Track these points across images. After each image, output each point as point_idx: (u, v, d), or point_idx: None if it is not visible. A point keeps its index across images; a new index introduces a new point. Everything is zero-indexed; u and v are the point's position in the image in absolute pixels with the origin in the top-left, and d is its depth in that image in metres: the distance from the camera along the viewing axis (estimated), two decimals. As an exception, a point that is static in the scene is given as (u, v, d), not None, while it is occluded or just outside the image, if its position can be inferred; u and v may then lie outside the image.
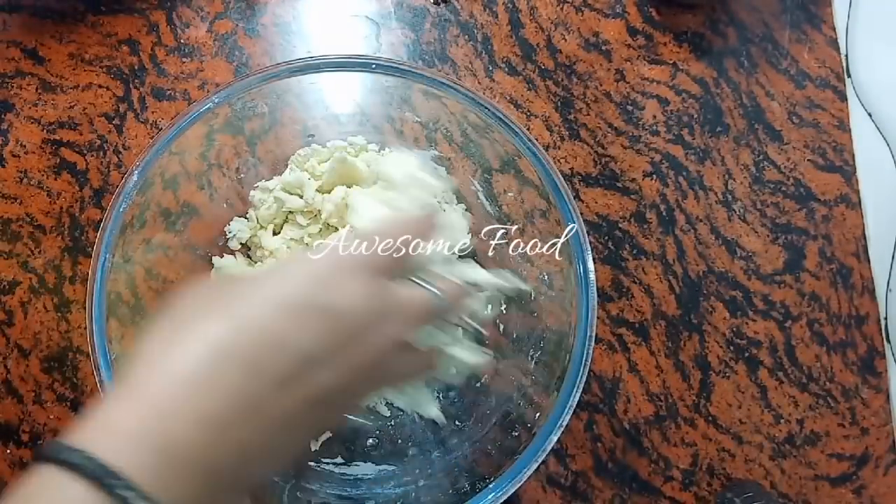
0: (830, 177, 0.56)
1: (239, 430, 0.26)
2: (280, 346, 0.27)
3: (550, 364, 0.42)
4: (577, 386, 0.38)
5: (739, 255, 0.54)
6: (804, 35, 0.58)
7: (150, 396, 0.26)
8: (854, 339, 0.54)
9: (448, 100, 0.44)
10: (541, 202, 0.41)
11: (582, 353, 0.38)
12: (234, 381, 0.26)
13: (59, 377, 0.49)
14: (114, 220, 0.39)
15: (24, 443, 0.49)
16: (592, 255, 0.53)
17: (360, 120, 0.51)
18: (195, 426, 0.26)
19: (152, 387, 0.26)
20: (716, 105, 0.56)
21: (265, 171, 0.51)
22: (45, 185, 0.52)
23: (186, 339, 0.27)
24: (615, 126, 0.55)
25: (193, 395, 0.26)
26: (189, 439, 0.25)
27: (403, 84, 0.44)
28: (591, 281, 0.39)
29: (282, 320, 0.27)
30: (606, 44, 0.56)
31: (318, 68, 0.40)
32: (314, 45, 0.56)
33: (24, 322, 0.50)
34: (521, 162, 0.43)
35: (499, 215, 0.49)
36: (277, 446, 0.29)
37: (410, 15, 0.56)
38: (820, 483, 0.52)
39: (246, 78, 0.40)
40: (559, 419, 0.38)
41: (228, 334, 0.27)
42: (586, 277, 0.39)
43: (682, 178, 0.55)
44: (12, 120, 0.53)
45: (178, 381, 0.26)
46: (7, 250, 0.51)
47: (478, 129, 0.46)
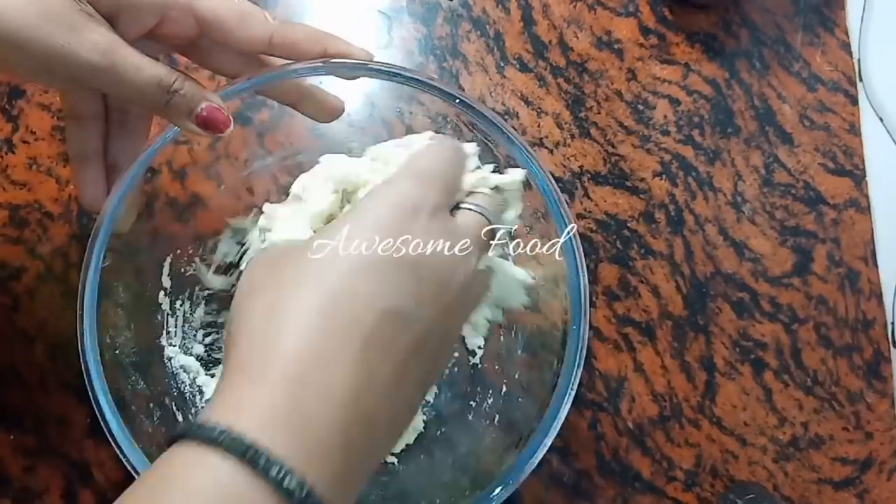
0: (840, 180, 0.56)
1: (365, 402, 0.26)
2: (375, 309, 0.27)
3: (549, 360, 0.42)
4: (574, 375, 0.38)
5: (747, 257, 0.54)
6: (817, 38, 0.57)
7: (275, 377, 0.25)
8: (860, 343, 0.54)
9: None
10: (541, 204, 0.41)
11: (576, 351, 0.38)
12: (347, 354, 0.26)
13: (63, 364, 0.49)
14: (111, 213, 0.38)
15: (28, 429, 0.49)
16: (600, 254, 0.53)
17: (368, 112, 0.51)
18: (328, 404, 0.25)
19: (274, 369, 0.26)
20: (727, 106, 0.56)
21: (273, 163, 0.51)
22: (55, 172, 0.52)
23: (289, 314, 0.27)
24: (625, 125, 0.55)
25: (317, 373, 0.26)
26: (325, 417, 0.25)
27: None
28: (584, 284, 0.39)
29: (372, 283, 0.28)
30: (618, 43, 0.56)
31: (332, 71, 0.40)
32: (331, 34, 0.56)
33: (30, 308, 0.50)
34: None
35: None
36: (399, 412, 0.29)
37: (423, 10, 0.56)
38: (823, 486, 0.52)
39: (253, 78, 0.39)
40: (556, 415, 0.37)
41: (327, 304, 0.27)
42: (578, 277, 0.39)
43: (691, 178, 0.55)
44: (23, 106, 0.52)
45: (299, 360, 0.26)
46: (15, 236, 0.51)
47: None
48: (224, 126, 0.35)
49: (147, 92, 0.33)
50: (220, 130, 0.35)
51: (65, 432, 0.49)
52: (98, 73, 0.32)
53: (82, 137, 0.38)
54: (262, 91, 0.41)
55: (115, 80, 0.32)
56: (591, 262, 0.53)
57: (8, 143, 0.52)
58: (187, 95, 0.34)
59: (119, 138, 0.39)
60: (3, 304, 0.50)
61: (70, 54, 0.31)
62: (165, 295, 0.45)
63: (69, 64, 0.31)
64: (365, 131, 0.50)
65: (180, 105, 0.34)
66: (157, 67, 0.33)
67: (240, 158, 0.50)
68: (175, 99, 0.34)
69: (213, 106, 0.35)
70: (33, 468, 0.48)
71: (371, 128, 0.50)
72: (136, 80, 0.33)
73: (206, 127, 0.35)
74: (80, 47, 0.31)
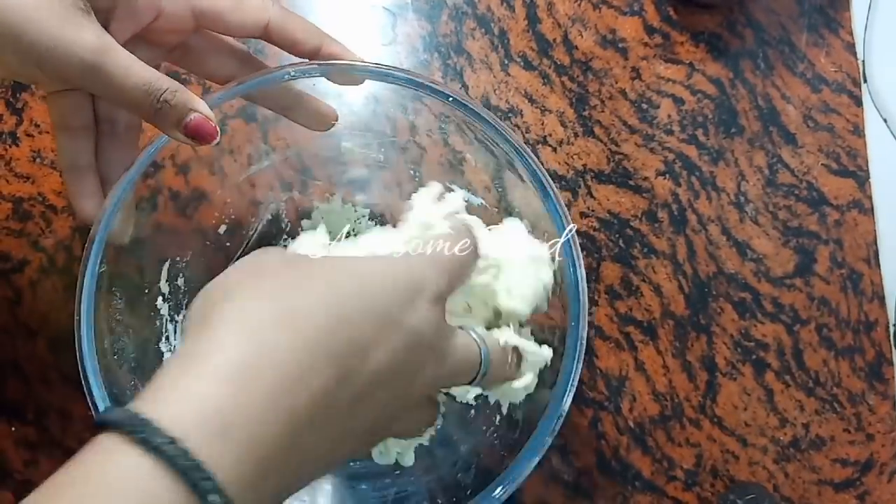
0: (844, 182, 0.55)
1: (312, 434, 0.26)
2: (364, 354, 0.27)
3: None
4: (573, 374, 0.38)
5: (750, 257, 0.54)
6: (822, 39, 0.57)
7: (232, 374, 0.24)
8: (862, 344, 0.53)
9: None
10: (539, 202, 0.41)
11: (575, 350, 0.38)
12: (322, 383, 0.25)
13: (65, 357, 0.49)
14: (112, 207, 0.38)
15: (29, 421, 0.49)
16: (603, 253, 0.53)
17: (372, 108, 0.51)
18: (283, 426, 0.24)
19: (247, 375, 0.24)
20: (731, 106, 0.56)
21: (277, 159, 0.51)
22: (58, 166, 0.52)
23: (281, 321, 0.26)
24: (629, 124, 0.55)
25: (284, 391, 0.25)
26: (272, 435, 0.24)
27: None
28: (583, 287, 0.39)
29: (368, 330, 0.27)
30: (623, 41, 0.56)
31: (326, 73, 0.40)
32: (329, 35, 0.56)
33: (32, 301, 0.50)
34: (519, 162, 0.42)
35: (511, 211, 0.49)
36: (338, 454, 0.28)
37: (427, 7, 0.56)
38: (823, 488, 0.52)
39: (245, 82, 0.39)
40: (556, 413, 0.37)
41: (318, 331, 0.26)
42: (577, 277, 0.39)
43: (694, 178, 0.55)
44: (27, 99, 0.53)
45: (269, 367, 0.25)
46: (18, 229, 0.51)
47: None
48: (211, 137, 0.34)
49: (135, 96, 0.33)
50: (208, 141, 0.34)
51: (66, 425, 0.49)
52: (87, 71, 0.32)
53: (74, 148, 0.37)
54: (254, 99, 0.41)
55: (104, 81, 0.32)
56: (593, 261, 0.53)
57: (12, 135, 0.52)
58: (177, 105, 0.34)
59: (109, 150, 0.39)
60: (6, 297, 0.50)
61: (61, 50, 0.31)
62: (164, 301, 0.45)
63: (59, 60, 0.31)
64: (368, 127, 0.50)
65: (169, 114, 0.34)
66: (147, 71, 0.33)
67: (243, 153, 0.50)
68: (164, 108, 0.33)
69: (202, 117, 0.34)
70: (35, 461, 0.48)
71: (374, 124, 0.50)
72: (125, 82, 0.32)
73: (194, 137, 0.34)
74: (72, 44, 0.31)
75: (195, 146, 0.35)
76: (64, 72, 0.32)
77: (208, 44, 0.40)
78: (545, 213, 0.40)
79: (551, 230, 0.41)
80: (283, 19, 0.38)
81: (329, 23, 0.56)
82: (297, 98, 0.42)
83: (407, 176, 0.51)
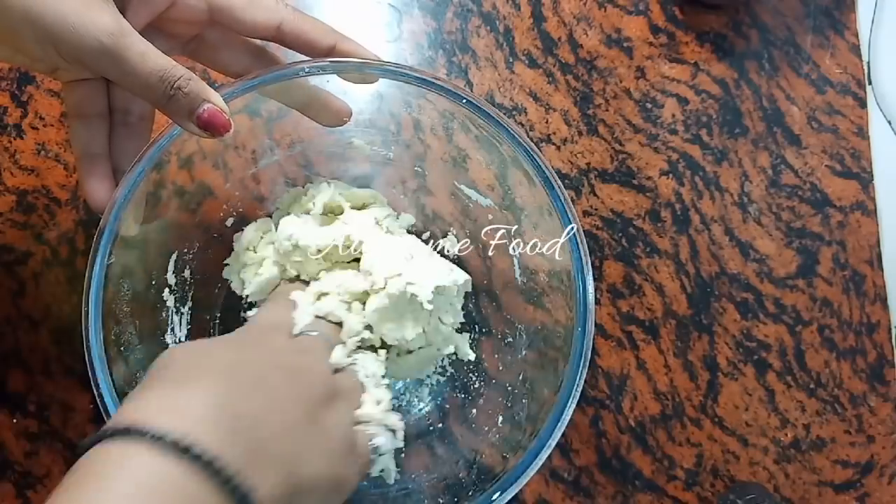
0: (847, 183, 0.55)
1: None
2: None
3: (553, 358, 0.42)
4: (578, 377, 0.38)
5: (753, 258, 0.54)
6: (827, 40, 0.57)
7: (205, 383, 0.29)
8: (864, 346, 0.53)
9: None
10: (546, 200, 0.41)
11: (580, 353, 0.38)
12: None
13: (68, 350, 0.50)
14: (123, 198, 0.38)
15: (31, 413, 0.49)
16: (605, 252, 0.53)
17: (377, 105, 0.51)
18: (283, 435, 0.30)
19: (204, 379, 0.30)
20: (735, 106, 0.56)
21: (281, 154, 0.51)
22: (63, 159, 0.52)
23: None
24: (633, 123, 0.55)
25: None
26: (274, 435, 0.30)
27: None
28: (590, 289, 0.39)
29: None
30: (628, 41, 0.56)
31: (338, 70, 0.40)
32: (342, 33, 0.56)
33: (35, 293, 0.50)
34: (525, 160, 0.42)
35: (514, 209, 0.49)
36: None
37: (433, 4, 0.56)
38: (824, 489, 0.52)
39: (258, 76, 0.39)
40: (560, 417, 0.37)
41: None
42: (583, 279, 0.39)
43: (698, 178, 0.55)
44: (32, 92, 0.53)
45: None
46: (22, 221, 0.51)
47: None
48: (224, 129, 0.34)
49: (149, 82, 0.33)
50: (221, 133, 0.34)
51: (68, 417, 0.49)
52: (104, 54, 0.32)
53: (88, 136, 0.37)
54: (268, 93, 0.41)
55: (120, 65, 0.32)
56: (596, 260, 0.53)
57: (17, 128, 0.52)
58: (190, 94, 0.34)
59: (121, 140, 0.39)
60: (9, 289, 0.50)
61: (79, 32, 0.31)
62: (170, 292, 0.45)
63: (77, 42, 0.31)
64: (373, 124, 0.50)
65: (182, 103, 0.34)
66: (162, 58, 0.33)
67: (247, 149, 0.50)
68: (177, 95, 0.33)
69: (215, 108, 0.34)
70: (35, 452, 0.48)
71: (379, 121, 0.50)
72: (141, 67, 0.32)
73: (207, 128, 0.34)
74: (91, 26, 0.31)
75: (208, 138, 0.35)
76: (81, 55, 0.32)
77: (223, 37, 0.40)
78: (548, 213, 0.40)
79: (553, 230, 0.41)
80: (296, 21, 0.38)
81: (335, 19, 0.56)
82: (311, 93, 0.41)
83: (411, 172, 0.51)
